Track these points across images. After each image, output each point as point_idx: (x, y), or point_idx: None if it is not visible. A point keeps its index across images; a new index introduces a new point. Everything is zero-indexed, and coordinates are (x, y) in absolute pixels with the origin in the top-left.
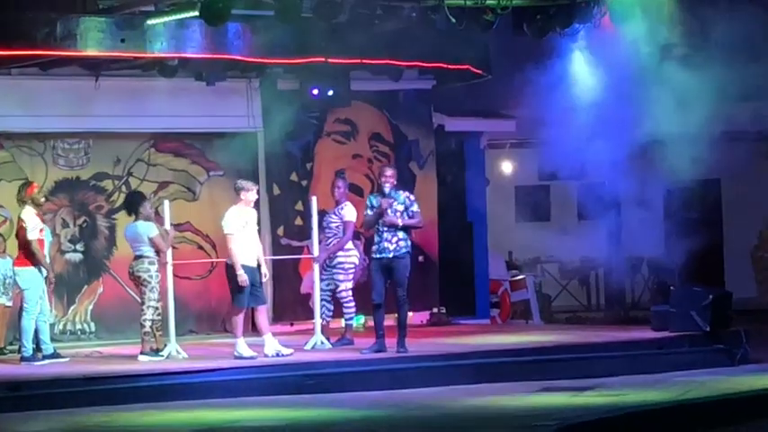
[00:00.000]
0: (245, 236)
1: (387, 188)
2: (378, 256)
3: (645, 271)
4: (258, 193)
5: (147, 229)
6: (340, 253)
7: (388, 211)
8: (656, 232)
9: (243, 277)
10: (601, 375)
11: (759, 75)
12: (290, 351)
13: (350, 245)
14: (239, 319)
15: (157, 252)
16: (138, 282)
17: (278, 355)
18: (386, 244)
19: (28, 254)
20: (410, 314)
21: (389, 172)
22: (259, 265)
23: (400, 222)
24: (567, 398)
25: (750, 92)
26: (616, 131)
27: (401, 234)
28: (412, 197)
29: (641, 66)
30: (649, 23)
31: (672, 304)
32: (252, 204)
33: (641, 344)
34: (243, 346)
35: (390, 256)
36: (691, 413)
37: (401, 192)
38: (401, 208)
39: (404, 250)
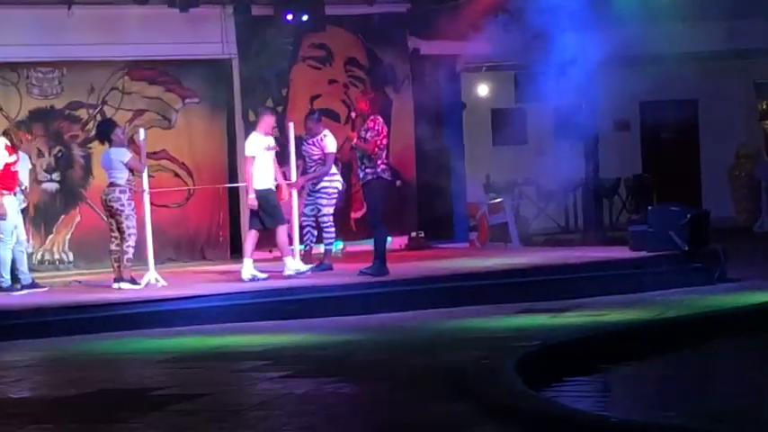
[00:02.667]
0: (263, 160)
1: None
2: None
3: (623, 192)
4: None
5: (120, 154)
6: (324, 178)
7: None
8: (634, 153)
9: (252, 201)
10: (580, 296)
11: None
12: (264, 276)
13: (333, 169)
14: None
15: (132, 172)
16: (110, 211)
17: (254, 279)
18: (360, 172)
19: None
20: (389, 239)
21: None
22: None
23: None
24: (547, 319)
25: (726, 10)
26: (592, 52)
27: (366, 161)
28: (369, 124)
29: None
30: None
31: (650, 224)
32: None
33: (620, 264)
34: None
35: (360, 183)
36: (670, 331)
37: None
38: (364, 134)
39: (369, 177)
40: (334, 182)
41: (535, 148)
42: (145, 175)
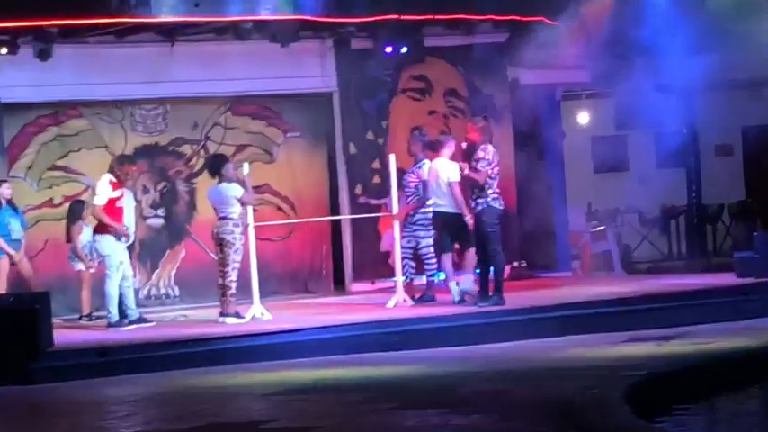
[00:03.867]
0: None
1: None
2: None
3: (726, 218)
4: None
5: (233, 190)
6: (420, 209)
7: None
8: (737, 178)
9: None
10: (686, 324)
11: None
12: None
13: (430, 200)
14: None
15: (243, 204)
16: (222, 243)
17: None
18: (471, 201)
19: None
20: (491, 268)
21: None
22: None
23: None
24: (653, 347)
25: None
26: (693, 77)
27: (477, 191)
28: (480, 154)
29: (717, 8)
30: None
31: (755, 250)
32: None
33: (726, 291)
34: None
35: (473, 213)
36: None
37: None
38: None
39: (480, 207)
40: (429, 212)
41: (636, 175)
42: (250, 209)
